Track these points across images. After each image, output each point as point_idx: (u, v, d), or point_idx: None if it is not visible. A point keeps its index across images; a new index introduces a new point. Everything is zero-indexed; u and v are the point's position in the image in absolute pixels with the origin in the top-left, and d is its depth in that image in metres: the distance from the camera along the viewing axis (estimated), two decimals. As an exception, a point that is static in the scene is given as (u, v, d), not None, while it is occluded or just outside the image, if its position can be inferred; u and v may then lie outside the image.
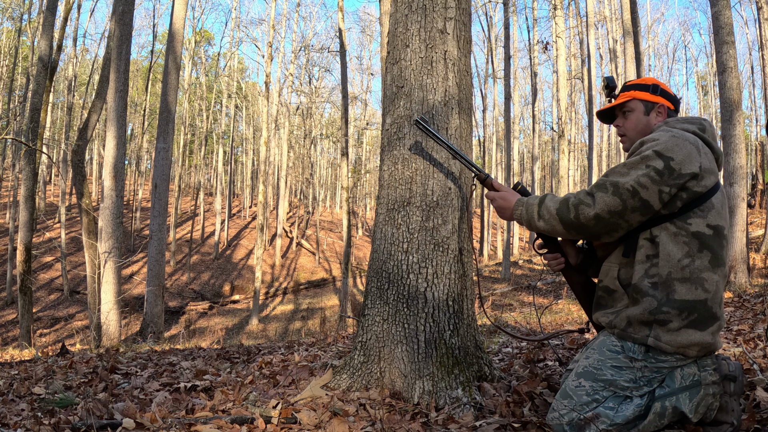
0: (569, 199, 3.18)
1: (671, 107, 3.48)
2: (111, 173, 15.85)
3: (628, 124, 3.53)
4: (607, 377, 3.09)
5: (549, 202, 3.28)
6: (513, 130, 43.52)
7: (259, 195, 32.59)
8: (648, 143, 3.11)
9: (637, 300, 3.10)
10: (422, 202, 4.18)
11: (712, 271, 3.03)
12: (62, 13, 24.57)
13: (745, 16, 56.41)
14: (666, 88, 3.51)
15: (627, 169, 3.06)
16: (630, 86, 3.55)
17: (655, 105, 3.46)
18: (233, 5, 53.93)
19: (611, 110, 3.66)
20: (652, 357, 3.07)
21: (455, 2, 4.45)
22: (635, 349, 3.10)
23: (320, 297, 38.50)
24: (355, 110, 70.15)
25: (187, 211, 63.83)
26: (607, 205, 3.04)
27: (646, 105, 3.47)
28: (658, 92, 3.47)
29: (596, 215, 3.08)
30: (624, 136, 3.58)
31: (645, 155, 3.03)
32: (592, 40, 32.09)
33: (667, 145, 3.02)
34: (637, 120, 3.48)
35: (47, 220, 49.28)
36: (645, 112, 3.47)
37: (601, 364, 3.13)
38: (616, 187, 3.03)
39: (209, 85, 64.60)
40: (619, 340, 3.16)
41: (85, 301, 32.14)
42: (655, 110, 3.45)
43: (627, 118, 3.54)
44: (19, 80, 54.18)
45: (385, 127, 4.51)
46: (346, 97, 27.27)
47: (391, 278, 4.19)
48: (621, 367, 3.10)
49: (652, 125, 3.43)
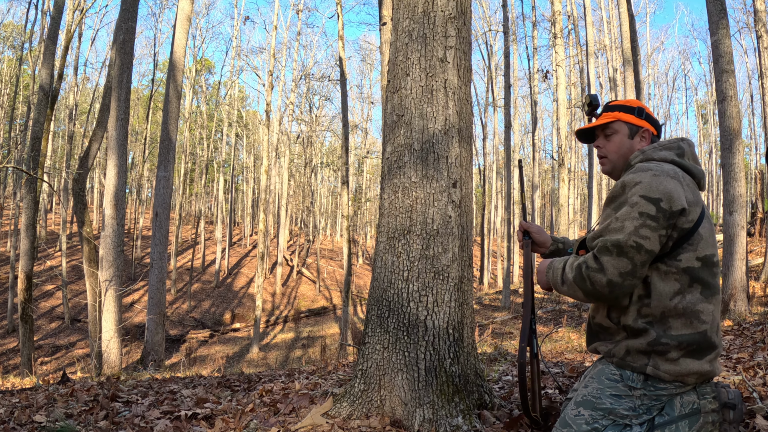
0: (581, 267, 3.11)
1: (654, 132, 3.43)
2: (112, 202, 15.85)
3: (611, 146, 3.45)
4: (606, 406, 3.07)
5: (568, 269, 3.20)
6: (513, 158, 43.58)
7: (260, 223, 32.60)
8: (630, 187, 3.04)
9: (635, 334, 3.07)
10: (422, 230, 4.20)
11: (707, 302, 3.02)
12: (63, 42, 24.71)
13: (745, 45, 56.69)
14: (650, 112, 3.47)
15: (620, 222, 2.99)
16: (614, 107, 3.47)
17: (640, 129, 3.40)
18: (234, 34, 53.99)
19: (592, 130, 3.58)
20: (651, 385, 3.04)
21: (455, 31, 4.49)
22: (634, 378, 3.07)
23: (321, 325, 38.42)
24: (356, 139, 70.39)
25: (188, 240, 63.80)
26: (617, 268, 2.97)
27: (630, 128, 3.40)
28: (643, 116, 3.42)
29: (609, 281, 2.99)
30: (605, 157, 3.50)
31: (633, 202, 2.98)
32: (592, 68, 32.18)
33: (651, 186, 2.97)
34: (621, 143, 3.42)
35: (48, 249, 49.27)
36: (629, 136, 3.40)
37: (600, 393, 3.11)
38: (619, 247, 2.96)
39: (210, 113, 64.74)
40: (618, 369, 3.13)
41: (86, 329, 32.08)
42: (639, 134, 3.40)
43: (609, 140, 3.46)
44: (20, 109, 54.34)
45: (386, 156, 4.54)
46: (347, 125, 27.33)
47: (392, 306, 4.20)
48: (620, 396, 3.07)
49: (635, 149, 3.38)
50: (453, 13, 4.50)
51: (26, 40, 42.93)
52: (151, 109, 56.17)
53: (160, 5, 55.54)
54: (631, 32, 23.00)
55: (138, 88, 69.87)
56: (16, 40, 53.83)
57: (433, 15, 4.48)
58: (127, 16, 16.38)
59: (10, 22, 58.23)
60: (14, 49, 55.42)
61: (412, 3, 4.56)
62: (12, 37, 56.78)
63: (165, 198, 18.21)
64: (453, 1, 4.52)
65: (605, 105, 3.53)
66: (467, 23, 4.65)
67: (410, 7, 4.56)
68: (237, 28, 53.13)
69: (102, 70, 55.20)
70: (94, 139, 20.66)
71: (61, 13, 20.91)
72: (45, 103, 19.84)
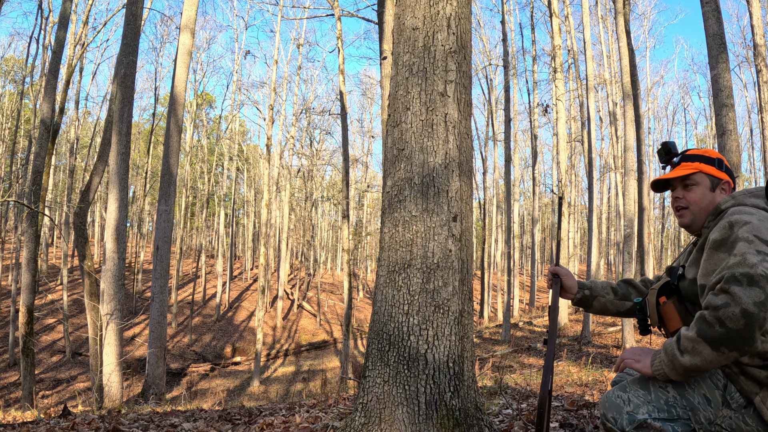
0: (702, 317, 2.80)
1: (732, 185, 3.36)
2: (113, 235, 15.85)
3: (692, 197, 3.34)
4: (692, 401, 2.97)
5: (683, 332, 2.90)
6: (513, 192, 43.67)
7: (261, 257, 32.63)
8: (740, 226, 2.91)
9: (762, 366, 2.88)
10: (423, 264, 4.21)
11: None
12: (64, 76, 24.86)
13: (744, 79, 56.83)
14: (728, 164, 3.41)
15: (741, 257, 2.79)
16: (694, 156, 3.40)
17: (721, 181, 3.33)
18: (235, 68, 54.12)
19: (669, 181, 3.48)
20: (746, 415, 2.92)
21: (456, 65, 4.52)
22: (736, 398, 2.95)
23: (321, 359, 38.35)
24: (356, 173, 70.46)
25: (189, 273, 63.73)
26: (751, 297, 2.65)
27: (712, 180, 3.33)
28: (723, 168, 3.36)
29: (743, 311, 2.65)
30: (685, 209, 3.37)
31: (750, 240, 2.83)
32: (592, 103, 32.24)
33: (761, 229, 2.86)
34: (703, 195, 3.32)
35: (49, 282, 49.18)
36: (711, 188, 3.32)
37: (696, 385, 2.98)
38: (749, 276, 2.69)
39: (211, 147, 64.92)
40: (726, 379, 3.00)
41: (87, 362, 32.02)
42: (720, 187, 3.33)
43: (690, 191, 3.35)
44: (21, 143, 54.51)
45: (386, 190, 4.56)
46: (347, 159, 27.41)
47: (392, 340, 4.21)
48: (710, 402, 2.96)
49: (716, 203, 3.28)
50: (453, 48, 4.54)
51: (27, 75, 43.09)
52: (152, 143, 56.19)
53: (161, 40, 55.94)
54: (630, 66, 23.07)
55: (139, 122, 70.03)
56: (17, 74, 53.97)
57: (433, 49, 4.52)
58: (128, 51, 16.43)
59: (12, 56, 58.43)
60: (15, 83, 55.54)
61: (412, 37, 4.60)
62: (13, 71, 56.97)
63: (166, 232, 18.22)
64: (453, 36, 4.56)
65: (683, 154, 3.46)
66: (467, 57, 4.69)
67: (411, 42, 4.60)
68: (238, 63, 53.26)
69: (103, 104, 55.28)
70: (95, 173, 20.71)
71: (62, 47, 21.00)
72: (46, 137, 19.89)
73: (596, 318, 30.34)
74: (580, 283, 3.84)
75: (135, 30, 16.62)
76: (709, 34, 13.48)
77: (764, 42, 24.18)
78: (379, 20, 16.53)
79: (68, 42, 26.72)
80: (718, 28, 13.41)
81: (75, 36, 29.75)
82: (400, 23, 4.75)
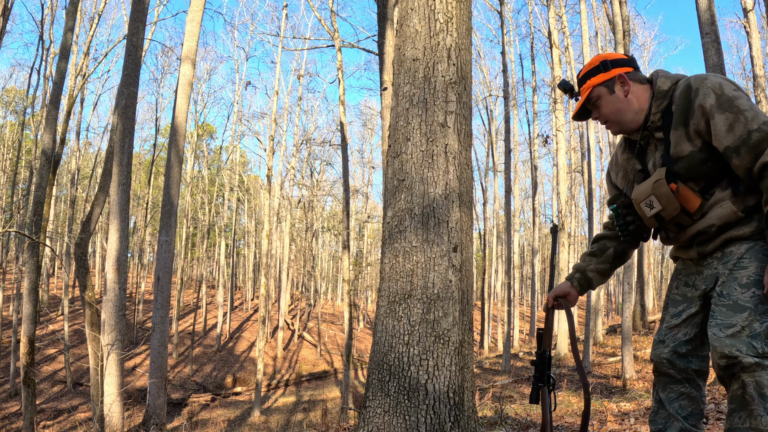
0: None
1: (629, 69, 3.46)
2: (114, 266, 15.85)
3: (603, 111, 3.47)
4: None
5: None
6: (513, 223, 43.67)
7: (261, 288, 32.59)
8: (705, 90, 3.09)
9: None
10: (423, 294, 4.23)
11: None
12: (65, 107, 24.95)
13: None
14: (613, 57, 3.50)
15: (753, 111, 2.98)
16: (583, 77, 3.52)
17: (613, 80, 3.41)
18: (235, 99, 54.16)
19: (583, 110, 3.58)
20: None
21: (456, 96, 4.57)
22: None
23: (322, 389, 38.25)
24: (357, 203, 70.41)
25: (190, 304, 63.57)
26: None
27: (607, 85, 3.42)
28: (609, 67, 3.44)
29: None
30: (607, 122, 3.53)
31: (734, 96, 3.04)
32: (592, 133, 32.33)
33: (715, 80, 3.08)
34: (608, 103, 3.44)
35: (50, 313, 49.10)
36: (609, 92, 3.42)
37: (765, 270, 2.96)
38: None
39: (211, 178, 64.89)
40: None
41: (88, 393, 31.92)
42: (617, 83, 3.42)
43: (599, 107, 3.47)
44: (22, 173, 54.57)
45: (387, 220, 4.59)
46: (348, 190, 27.43)
47: (393, 370, 4.22)
48: None
49: (623, 97, 3.40)
50: (453, 79, 4.59)
51: (29, 105, 43.20)
52: (153, 173, 56.28)
53: (162, 71, 56.04)
54: (630, 97, 23.12)
55: (140, 152, 70.10)
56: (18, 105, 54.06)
57: (433, 80, 4.56)
58: (128, 81, 16.48)
59: (13, 87, 58.63)
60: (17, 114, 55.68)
61: (413, 68, 4.64)
62: (14, 102, 57.12)
63: (167, 262, 18.21)
64: (454, 67, 4.60)
65: (578, 79, 3.56)
66: (468, 88, 4.73)
67: (411, 72, 4.65)
68: (238, 93, 53.27)
69: (104, 134, 55.33)
70: (96, 203, 20.75)
71: (63, 78, 21.05)
72: (47, 167, 19.91)
73: (596, 348, 30.32)
74: (568, 277, 3.83)
75: (136, 61, 16.68)
76: (709, 65, 13.51)
77: (764, 73, 24.29)
78: (380, 51, 16.62)
79: (69, 73, 26.82)
80: (718, 59, 13.45)
81: (76, 67, 29.89)
82: (401, 54, 4.80)
